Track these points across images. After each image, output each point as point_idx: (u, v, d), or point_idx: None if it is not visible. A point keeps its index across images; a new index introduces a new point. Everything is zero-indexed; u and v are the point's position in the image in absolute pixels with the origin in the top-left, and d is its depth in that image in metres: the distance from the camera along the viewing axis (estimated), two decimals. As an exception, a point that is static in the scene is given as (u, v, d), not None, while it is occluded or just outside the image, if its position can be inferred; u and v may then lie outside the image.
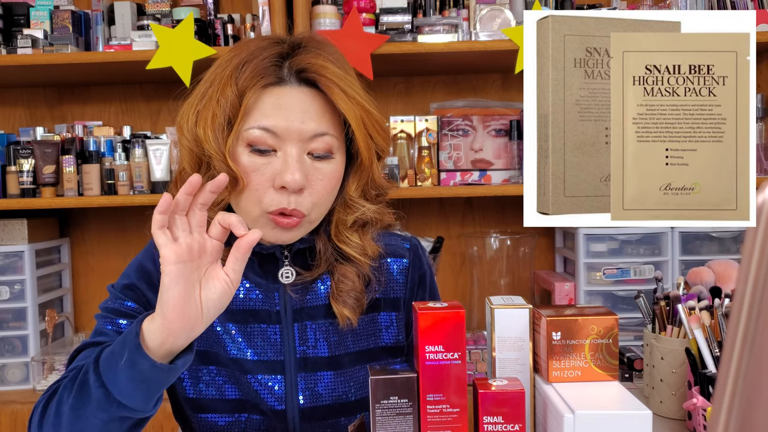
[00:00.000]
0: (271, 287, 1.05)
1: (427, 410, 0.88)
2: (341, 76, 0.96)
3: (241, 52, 0.99)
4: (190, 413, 1.06)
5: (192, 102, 1.00)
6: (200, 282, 0.84)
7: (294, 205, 0.96)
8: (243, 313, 1.04)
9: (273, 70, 0.96)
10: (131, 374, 0.82)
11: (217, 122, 0.95)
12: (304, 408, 1.04)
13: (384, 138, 1.03)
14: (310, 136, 0.96)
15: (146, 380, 0.83)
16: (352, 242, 1.04)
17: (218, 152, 0.95)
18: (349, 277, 1.04)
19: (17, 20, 2.14)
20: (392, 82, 2.38)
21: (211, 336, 1.04)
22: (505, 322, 0.95)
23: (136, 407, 0.84)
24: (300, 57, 0.97)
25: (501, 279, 2.26)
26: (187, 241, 0.82)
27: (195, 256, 0.83)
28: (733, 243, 2.09)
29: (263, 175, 0.96)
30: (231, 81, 0.95)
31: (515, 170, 2.16)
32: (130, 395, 0.83)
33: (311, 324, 1.05)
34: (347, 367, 1.06)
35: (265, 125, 0.95)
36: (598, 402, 0.87)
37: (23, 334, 2.12)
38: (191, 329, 0.83)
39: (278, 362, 1.03)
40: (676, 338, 1.19)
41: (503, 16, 2.02)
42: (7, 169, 2.11)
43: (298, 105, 0.96)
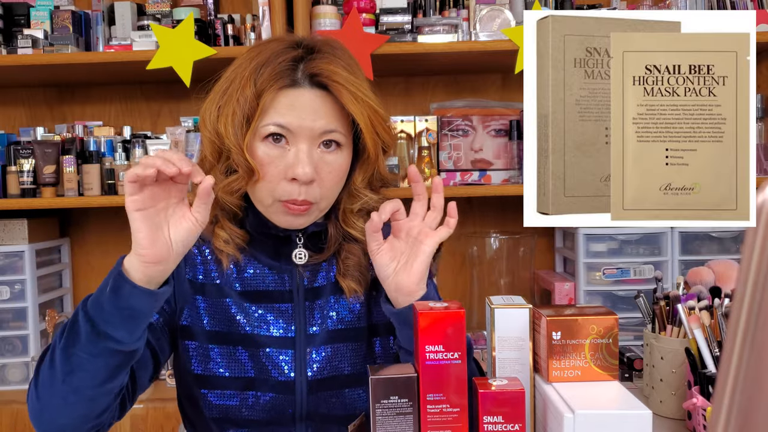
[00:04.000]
0: (284, 268, 1.12)
1: (427, 410, 0.88)
2: (351, 81, 1.05)
3: (259, 54, 1.07)
4: (197, 392, 1.10)
5: (213, 98, 1.09)
6: (168, 221, 0.93)
7: (304, 195, 1.04)
8: (257, 294, 1.12)
9: (288, 73, 1.05)
10: (115, 301, 0.91)
11: (237, 119, 1.04)
12: (312, 380, 1.09)
13: (389, 134, 1.11)
14: (320, 133, 1.04)
15: (127, 306, 0.91)
16: (358, 227, 1.12)
17: (237, 146, 1.04)
18: (354, 254, 1.13)
19: (17, 20, 2.13)
20: (392, 82, 2.38)
21: (224, 315, 1.10)
22: (505, 322, 0.95)
23: (119, 337, 0.92)
24: (313, 62, 1.05)
25: (501, 279, 2.26)
26: (152, 188, 0.91)
27: (159, 200, 0.92)
28: (733, 243, 2.09)
29: (277, 168, 1.04)
30: (250, 82, 1.04)
31: (515, 170, 2.16)
32: (114, 323, 0.91)
33: (320, 302, 1.12)
34: (352, 341, 1.12)
35: (279, 122, 1.04)
36: (598, 402, 0.87)
37: (23, 334, 2.12)
38: (165, 261, 0.92)
39: (289, 339, 1.10)
40: (676, 338, 1.19)
41: (503, 16, 2.02)
42: (7, 169, 2.11)
43: (310, 105, 1.04)
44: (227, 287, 1.12)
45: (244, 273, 1.12)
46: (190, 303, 1.11)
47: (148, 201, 0.91)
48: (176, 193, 0.93)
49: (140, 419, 1.97)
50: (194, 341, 1.11)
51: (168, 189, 0.92)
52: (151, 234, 0.91)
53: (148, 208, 0.91)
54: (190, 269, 1.12)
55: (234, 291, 1.11)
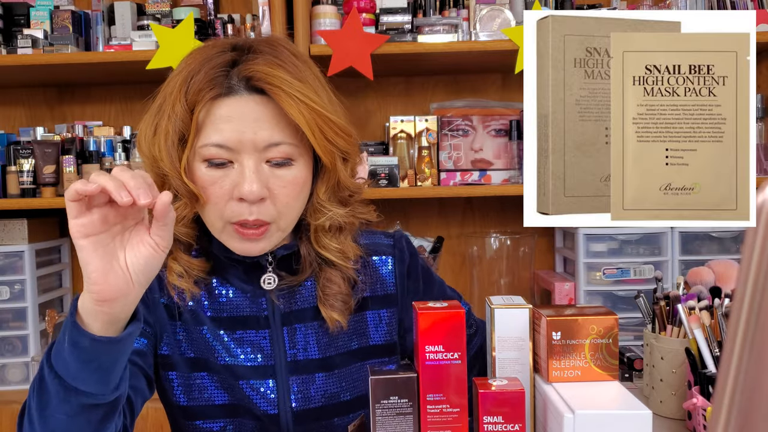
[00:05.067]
0: (258, 293, 1.03)
1: (427, 410, 0.88)
2: (290, 82, 0.92)
3: (190, 63, 0.96)
4: (183, 421, 1.05)
5: (149, 117, 0.99)
6: (125, 248, 0.78)
7: (256, 215, 0.94)
8: (231, 320, 1.03)
9: (221, 80, 0.93)
10: (77, 354, 0.78)
11: (170, 139, 0.93)
12: (297, 411, 1.03)
13: (347, 141, 0.99)
14: (264, 146, 0.93)
15: (93, 358, 0.78)
16: (332, 247, 1.03)
17: (174, 170, 0.94)
18: (334, 281, 1.03)
19: (17, 20, 2.13)
20: (392, 82, 2.38)
21: (201, 343, 1.03)
22: (505, 322, 0.95)
23: (93, 391, 0.79)
24: (247, 64, 0.94)
25: (501, 279, 2.26)
26: (102, 210, 0.76)
27: (111, 223, 0.77)
28: (733, 243, 2.09)
29: (222, 188, 0.94)
30: (180, 95, 0.93)
31: (515, 170, 2.16)
32: (83, 379, 0.79)
33: (300, 327, 1.04)
34: (339, 367, 1.06)
35: (217, 141, 0.92)
36: (598, 402, 0.87)
37: (23, 334, 2.12)
38: (124, 296, 0.77)
39: (269, 367, 1.03)
40: (676, 338, 1.19)
41: (503, 16, 2.02)
42: (7, 169, 2.11)
43: (250, 114, 0.93)
44: (201, 313, 1.03)
45: (218, 298, 1.03)
46: (168, 330, 1.02)
47: (99, 225, 0.75)
48: (133, 214, 0.78)
49: (140, 419, 1.97)
50: (174, 371, 1.03)
51: (122, 210, 0.77)
52: (104, 265, 0.76)
53: (99, 233, 0.76)
54: (164, 292, 1.02)
55: (207, 317, 1.02)
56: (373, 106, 2.38)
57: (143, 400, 0.99)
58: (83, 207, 0.74)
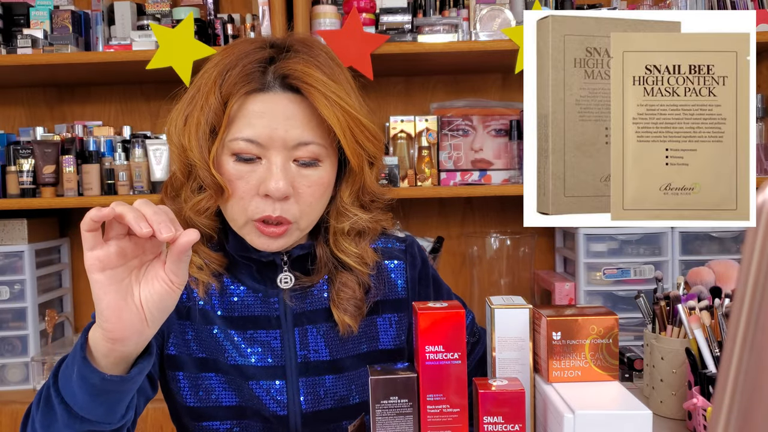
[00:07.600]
0: (270, 292, 1.03)
1: (427, 410, 0.88)
2: (325, 83, 0.93)
3: (226, 56, 0.97)
4: (190, 422, 1.04)
5: (180, 107, 0.99)
6: (140, 283, 0.75)
7: (279, 212, 0.94)
8: (243, 320, 1.03)
9: (257, 76, 0.94)
10: (85, 388, 0.77)
11: (201, 130, 0.94)
12: (306, 412, 1.03)
13: (375, 145, 0.99)
14: (294, 145, 0.94)
15: (102, 393, 0.77)
16: (350, 251, 1.03)
17: (202, 161, 0.94)
18: (349, 286, 1.03)
19: (17, 20, 2.14)
20: (392, 82, 2.38)
21: (212, 343, 1.02)
22: (505, 323, 0.95)
23: (100, 420, 0.79)
24: (284, 62, 0.94)
25: (501, 279, 2.26)
26: (120, 243, 0.73)
27: (129, 257, 0.74)
28: (733, 243, 2.09)
29: (248, 183, 0.94)
30: (215, 87, 0.93)
31: (515, 170, 2.16)
32: (90, 410, 0.78)
33: (312, 328, 1.04)
34: (348, 370, 1.05)
35: (248, 136, 0.93)
36: (598, 402, 0.87)
37: (23, 334, 2.12)
38: (138, 335, 0.75)
39: (279, 367, 1.02)
40: (676, 338, 1.19)
41: (503, 16, 2.02)
42: (7, 169, 2.11)
43: (282, 112, 0.93)
44: (212, 312, 1.02)
45: (229, 297, 1.03)
46: (176, 330, 1.02)
47: (115, 258, 0.72)
48: (151, 249, 0.76)
49: (140, 419, 1.96)
50: (182, 371, 1.02)
51: (141, 243, 0.75)
52: (118, 302, 0.73)
53: (115, 267, 0.73)
54: None
55: (218, 316, 1.02)
56: (373, 106, 2.38)
57: (146, 400, 0.99)
58: (99, 238, 0.72)
